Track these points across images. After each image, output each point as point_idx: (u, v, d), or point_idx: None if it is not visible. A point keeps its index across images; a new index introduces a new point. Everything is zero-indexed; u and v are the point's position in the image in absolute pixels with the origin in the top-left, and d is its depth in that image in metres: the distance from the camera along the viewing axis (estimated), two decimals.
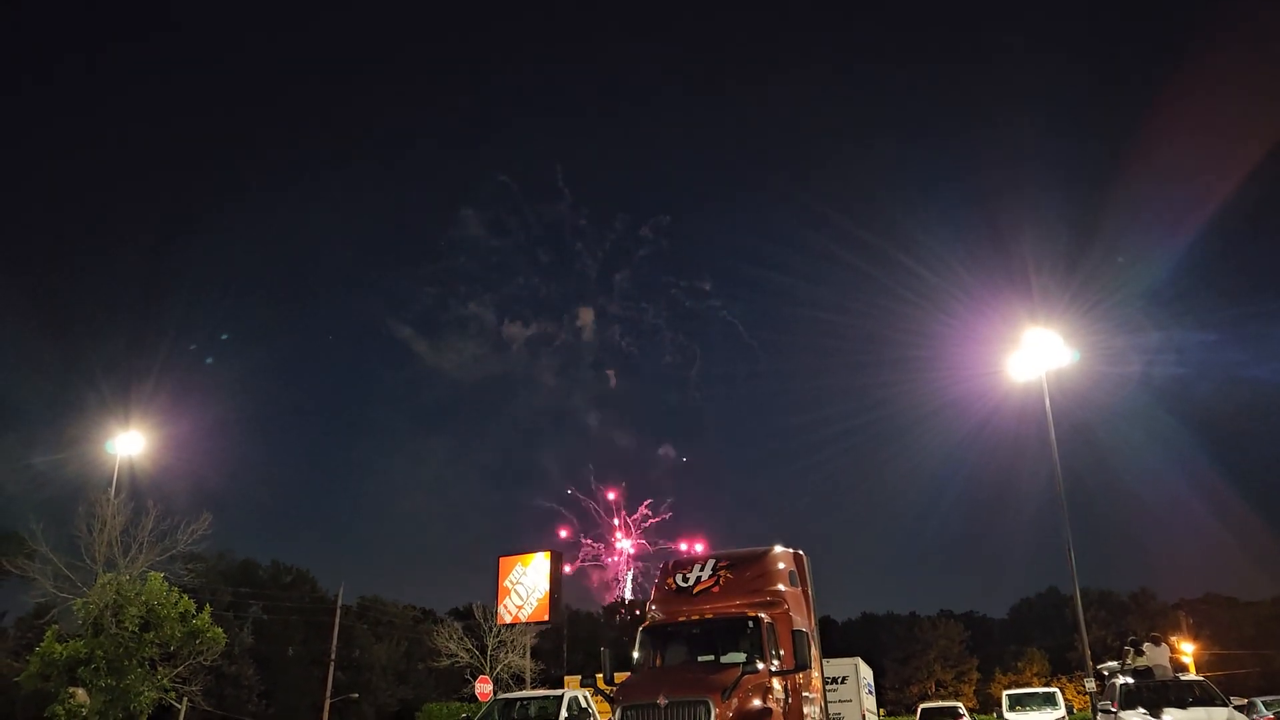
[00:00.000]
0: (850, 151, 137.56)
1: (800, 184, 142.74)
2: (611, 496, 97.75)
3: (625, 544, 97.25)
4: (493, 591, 38.71)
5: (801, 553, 16.64)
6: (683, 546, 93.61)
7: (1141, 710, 17.32)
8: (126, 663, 25.17)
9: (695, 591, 15.18)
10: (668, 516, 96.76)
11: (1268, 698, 33.68)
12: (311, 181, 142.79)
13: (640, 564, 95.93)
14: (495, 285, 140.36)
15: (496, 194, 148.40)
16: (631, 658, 14.70)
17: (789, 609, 14.75)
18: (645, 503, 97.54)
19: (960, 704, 36.96)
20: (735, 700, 12.36)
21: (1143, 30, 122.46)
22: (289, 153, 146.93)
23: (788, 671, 13.74)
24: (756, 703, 12.64)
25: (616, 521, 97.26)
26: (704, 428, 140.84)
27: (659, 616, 15.27)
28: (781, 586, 15.16)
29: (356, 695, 51.61)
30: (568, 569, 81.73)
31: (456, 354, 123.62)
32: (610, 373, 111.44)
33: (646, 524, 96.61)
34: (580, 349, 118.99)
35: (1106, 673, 22.02)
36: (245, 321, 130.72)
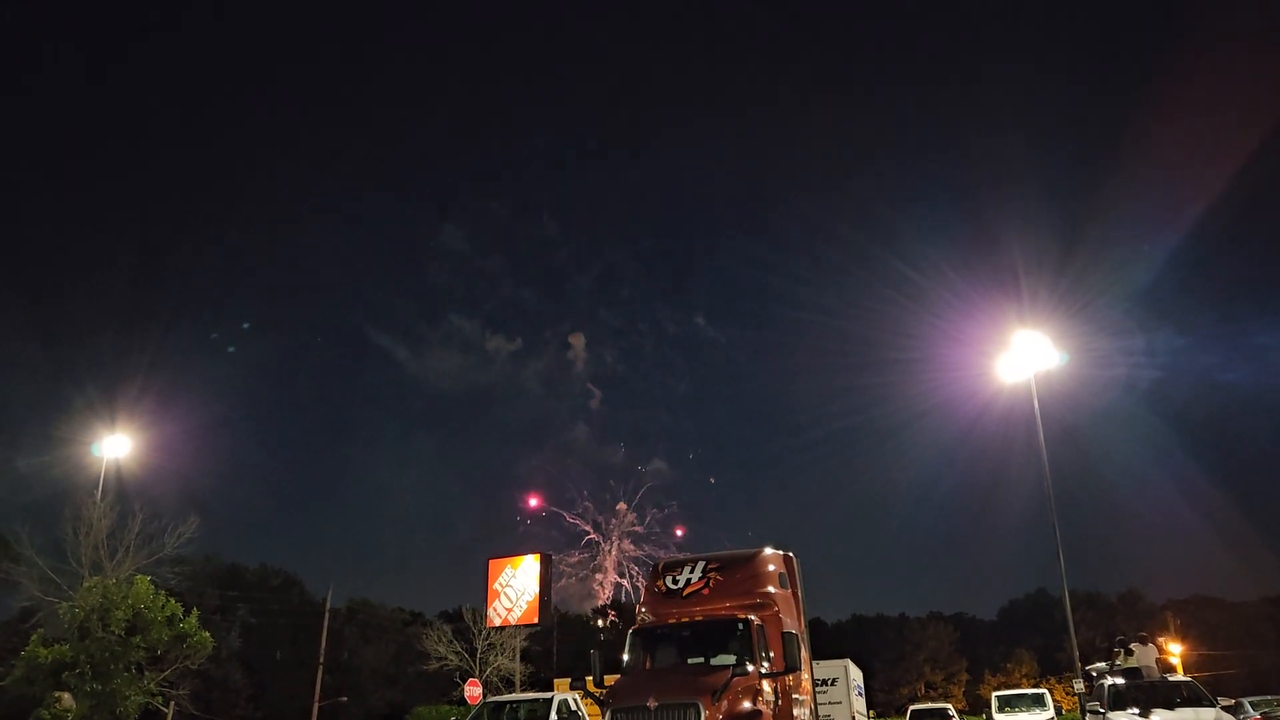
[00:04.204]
0: (839, 155, 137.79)
1: (789, 186, 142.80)
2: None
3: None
4: (482, 594, 38.52)
5: (791, 554, 16.64)
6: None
7: (1130, 711, 17.39)
8: (113, 667, 24.97)
9: (685, 594, 15.18)
10: (667, 513, 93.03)
11: (1255, 698, 33.85)
12: (300, 185, 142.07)
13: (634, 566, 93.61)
14: (481, 298, 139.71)
15: (482, 208, 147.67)
16: (621, 660, 14.68)
17: (779, 611, 14.75)
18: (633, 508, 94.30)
19: (950, 705, 37.05)
20: (725, 702, 12.35)
21: (1127, 42, 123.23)
22: (279, 157, 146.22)
23: (778, 673, 13.75)
24: (746, 705, 12.63)
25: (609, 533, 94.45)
26: (691, 432, 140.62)
27: (649, 618, 15.26)
28: (771, 588, 15.16)
29: (345, 698, 51.44)
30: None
31: (441, 363, 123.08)
32: (594, 388, 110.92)
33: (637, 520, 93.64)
34: (564, 358, 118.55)
35: (1095, 673, 22.11)
36: (232, 324, 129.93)
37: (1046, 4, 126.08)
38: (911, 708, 35.79)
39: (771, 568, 15.63)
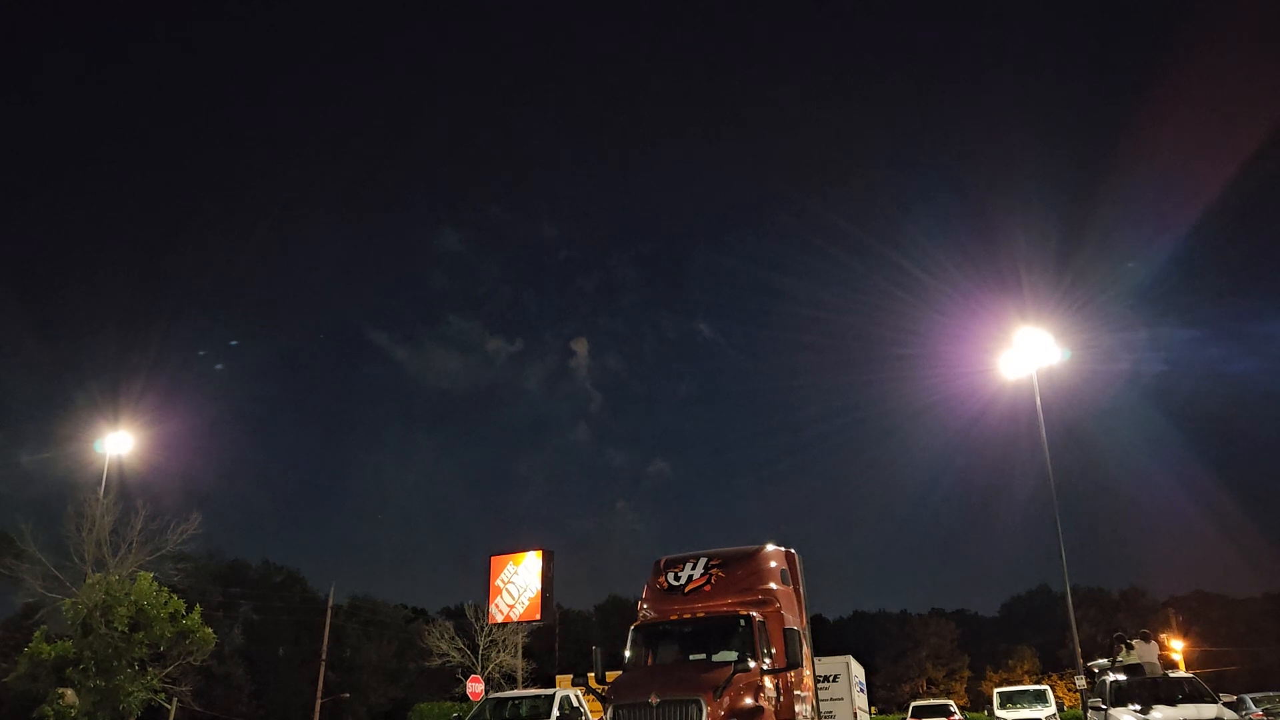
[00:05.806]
0: (843, 153, 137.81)
1: (792, 184, 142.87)
2: None
3: None
4: (484, 590, 38.57)
5: (793, 551, 16.62)
6: None
7: (1132, 707, 17.38)
8: (116, 663, 25.04)
9: (687, 590, 15.15)
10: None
11: (1257, 694, 33.80)
12: (301, 186, 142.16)
13: None
14: (481, 300, 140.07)
15: (482, 211, 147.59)
16: (623, 656, 14.67)
17: (781, 607, 14.73)
18: None
19: (951, 702, 37.09)
20: (727, 699, 12.34)
21: (1129, 39, 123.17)
22: (279, 158, 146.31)
23: (779, 670, 13.72)
24: (748, 701, 12.62)
25: None
26: (693, 427, 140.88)
27: (650, 615, 15.23)
28: (773, 585, 15.13)
29: (348, 695, 51.54)
30: None
31: (443, 362, 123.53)
32: (596, 390, 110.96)
33: None
34: (565, 360, 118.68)
35: (1097, 670, 22.10)
36: (235, 321, 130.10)
37: (1046, 5, 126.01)
38: (913, 704, 35.83)
39: (773, 564, 15.60)
